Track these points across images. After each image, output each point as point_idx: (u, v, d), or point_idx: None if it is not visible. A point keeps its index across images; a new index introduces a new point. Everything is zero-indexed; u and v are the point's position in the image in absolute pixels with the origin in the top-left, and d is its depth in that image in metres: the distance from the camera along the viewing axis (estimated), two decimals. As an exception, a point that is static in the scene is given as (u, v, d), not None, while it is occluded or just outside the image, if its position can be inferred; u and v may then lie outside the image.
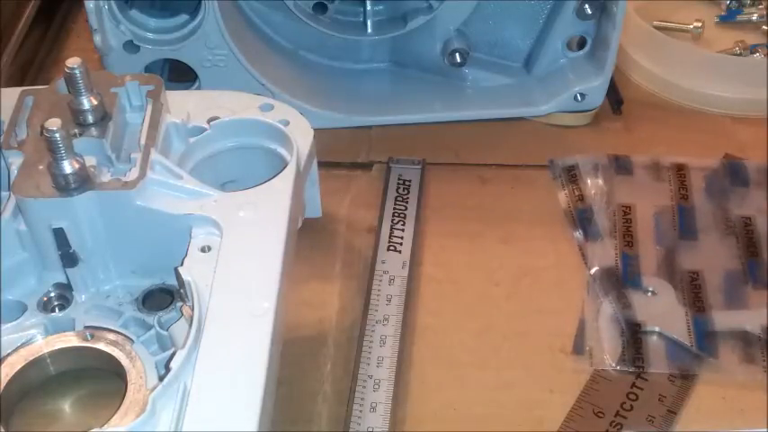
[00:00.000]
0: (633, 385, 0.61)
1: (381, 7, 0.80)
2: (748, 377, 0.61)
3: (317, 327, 0.64)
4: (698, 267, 0.68)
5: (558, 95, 0.80)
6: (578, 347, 0.63)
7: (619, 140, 0.80)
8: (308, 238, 0.66)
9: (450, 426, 0.59)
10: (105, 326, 0.55)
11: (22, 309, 0.56)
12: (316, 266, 0.68)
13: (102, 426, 0.47)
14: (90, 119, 0.57)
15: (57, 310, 0.56)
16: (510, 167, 0.78)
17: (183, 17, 0.74)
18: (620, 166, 0.76)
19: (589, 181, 0.75)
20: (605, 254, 0.69)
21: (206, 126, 0.62)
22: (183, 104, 0.62)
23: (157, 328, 0.54)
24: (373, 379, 0.60)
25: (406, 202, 0.74)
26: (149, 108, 0.59)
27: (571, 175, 0.76)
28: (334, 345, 0.63)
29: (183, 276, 0.52)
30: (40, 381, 0.56)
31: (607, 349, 0.62)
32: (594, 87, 0.79)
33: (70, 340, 0.55)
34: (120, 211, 0.54)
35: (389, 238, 0.70)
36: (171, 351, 0.53)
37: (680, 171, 0.76)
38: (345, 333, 0.64)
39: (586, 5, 0.76)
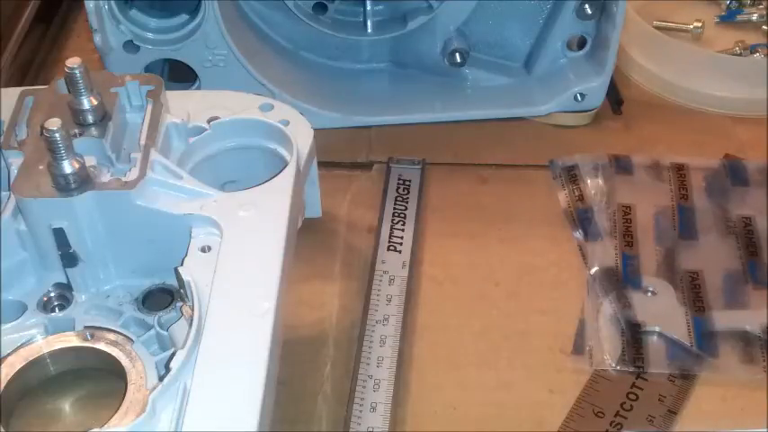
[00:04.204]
0: (633, 385, 0.61)
1: (381, 7, 0.80)
2: (748, 377, 0.61)
3: (317, 327, 0.64)
4: (698, 267, 0.68)
5: (558, 95, 0.80)
6: (578, 347, 0.63)
7: (619, 140, 0.80)
8: (308, 238, 0.66)
9: (450, 426, 0.59)
10: (105, 326, 0.55)
11: (22, 309, 0.56)
12: (316, 266, 0.68)
13: (102, 426, 0.47)
14: (90, 119, 0.57)
15: (57, 310, 0.56)
16: (510, 167, 0.78)
17: (183, 17, 0.74)
18: (620, 166, 0.76)
19: (589, 181, 0.75)
20: (605, 254, 0.69)
21: (206, 126, 0.62)
22: (183, 104, 0.62)
23: (157, 328, 0.54)
24: (373, 379, 0.60)
25: (406, 202, 0.74)
26: (149, 108, 0.59)
27: (571, 175, 0.76)
28: (334, 345, 0.63)
29: (183, 276, 0.52)
30: (40, 381, 0.56)
31: (607, 349, 0.62)
32: (594, 87, 0.79)
33: (70, 340, 0.55)
34: (120, 211, 0.54)
35: (389, 238, 0.70)
36: (171, 351, 0.53)
37: (680, 171, 0.76)
38: (345, 333, 0.64)
39: (586, 5, 0.76)
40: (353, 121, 0.80)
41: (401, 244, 0.70)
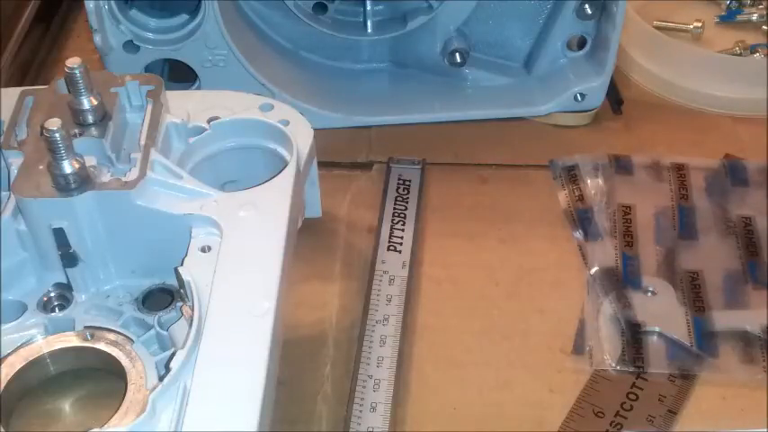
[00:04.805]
0: (633, 385, 0.61)
1: (381, 7, 0.80)
2: (748, 377, 0.61)
3: (317, 327, 0.64)
4: (698, 267, 0.68)
5: (558, 95, 0.80)
6: (578, 347, 0.63)
7: (619, 140, 0.80)
8: (308, 238, 0.66)
9: (450, 426, 0.59)
10: (105, 326, 0.55)
11: (22, 309, 0.56)
12: (316, 266, 0.68)
13: (102, 426, 0.47)
14: (90, 119, 0.57)
15: (57, 310, 0.56)
16: (510, 167, 0.78)
17: (183, 17, 0.75)
18: (620, 166, 0.76)
19: (589, 181, 0.75)
20: (605, 254, 0.69)
21: (206, 126, 0.62)
22: (183, 104, 0.62)
23: (157, 328, 0.54)
24: (373, 379, 0.60)
25: (406, 202, 0.74)
26: (149, 108, 0.59)
27: (571, 175, 0.76)
28: (334, 345, 0.63)
29: (183, 276, 0.52)
30: (40, 381, 0.56)
31: (607, 349, 0.62)
32: (594, 87, 0.79)
33: (70, 340, 0.55)
34: (120, 211, 0.54)
35: (389, 238, 0.70)
36: (171, 351, 0.53)
37: (680, 171, 0.76)
38: (345, 333, 0.64)
39: (586, 5, 0.76)
40: (353, 121, 0.80)
41: (401, 244, 0.70)
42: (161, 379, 0.49)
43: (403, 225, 0.71)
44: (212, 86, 0.73)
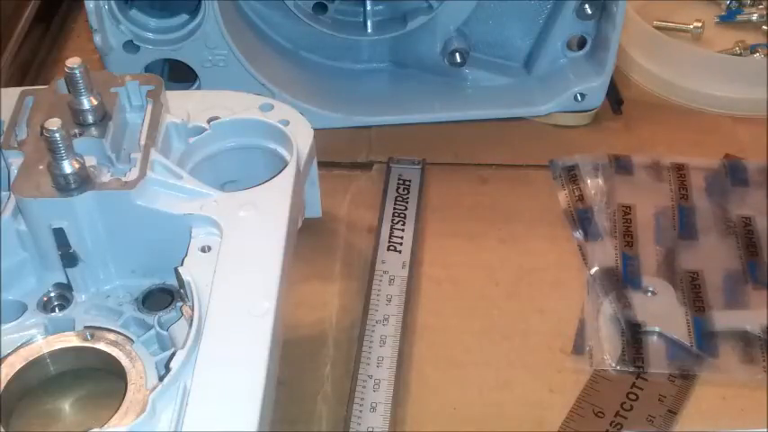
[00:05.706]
0: (633, 385, 0.61)
1: (381, 7, 0.80)
2: (748, 377, 0.61)
3: (317, 327, 0.64)
4: (698, 267, 0.68)
5: (558, 95, 0.80)
6: (578, 347, 0.63)
7: (619, 140, 0.80)
8: (308, 238, 0.66)
9: (450, 426, 0.59)
10: (105, 326, 0.55)
11: (22, 309, 0.56)
12: (316, 266, 0.68)
13: (102, 426, 0.47)
14: (90, 119, 0.57)
15: (57, 310, 0.56)
16: (510, 167, 0.78)
17: (183, 17, 0.75)
18: (620, 166, 0.76)
19: (589, 181, 0.75)
20: (605, 254, 0.69)
21: (206, 126, 0.62)
22: (183, 104, 0.62)
23: (157, 328, 0.54)
24: (373, 379, 0.60)
25: (406, 202, 0.74)
26: (149, 108, 0.59)
27: (571, 175, 0.76)
28: (334, 345, 0.63)
29: (183, 276, 0.52)
30: (40, 381, 0.56)
31: (607, 349, 0.62)
32: (594, 87, 0.79)
33: (70, 340, 0.55)
34: (120, 210, 0.54)
35: (389, 238, 0.70)
36: (171, 351, 0.53)
37: (680, 171, 0.76)
38: (345, 333, 0.64)
39: (586, 5, 0.76)
40: (353, 121, 0.80)
41: (401, 244, 0.70)
42: (161, 379, 0.49)
43: (403, 225, 0.71)
44: (212, 86, 0.73)
